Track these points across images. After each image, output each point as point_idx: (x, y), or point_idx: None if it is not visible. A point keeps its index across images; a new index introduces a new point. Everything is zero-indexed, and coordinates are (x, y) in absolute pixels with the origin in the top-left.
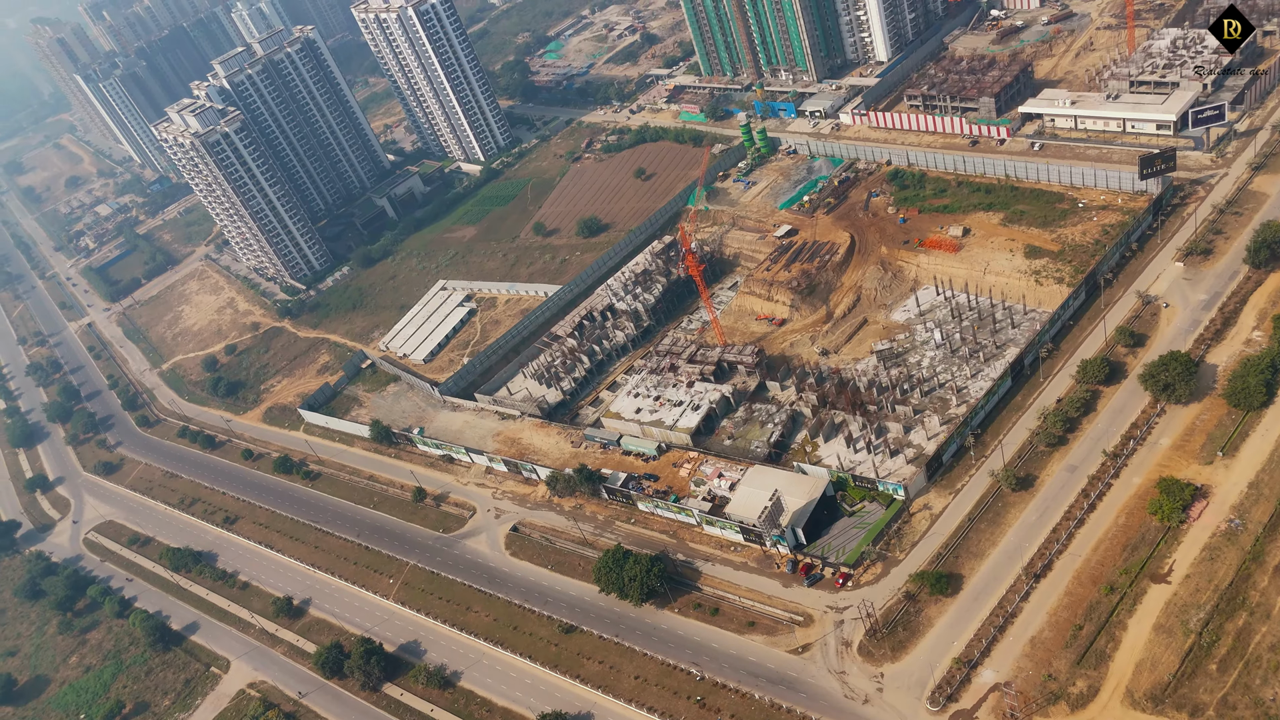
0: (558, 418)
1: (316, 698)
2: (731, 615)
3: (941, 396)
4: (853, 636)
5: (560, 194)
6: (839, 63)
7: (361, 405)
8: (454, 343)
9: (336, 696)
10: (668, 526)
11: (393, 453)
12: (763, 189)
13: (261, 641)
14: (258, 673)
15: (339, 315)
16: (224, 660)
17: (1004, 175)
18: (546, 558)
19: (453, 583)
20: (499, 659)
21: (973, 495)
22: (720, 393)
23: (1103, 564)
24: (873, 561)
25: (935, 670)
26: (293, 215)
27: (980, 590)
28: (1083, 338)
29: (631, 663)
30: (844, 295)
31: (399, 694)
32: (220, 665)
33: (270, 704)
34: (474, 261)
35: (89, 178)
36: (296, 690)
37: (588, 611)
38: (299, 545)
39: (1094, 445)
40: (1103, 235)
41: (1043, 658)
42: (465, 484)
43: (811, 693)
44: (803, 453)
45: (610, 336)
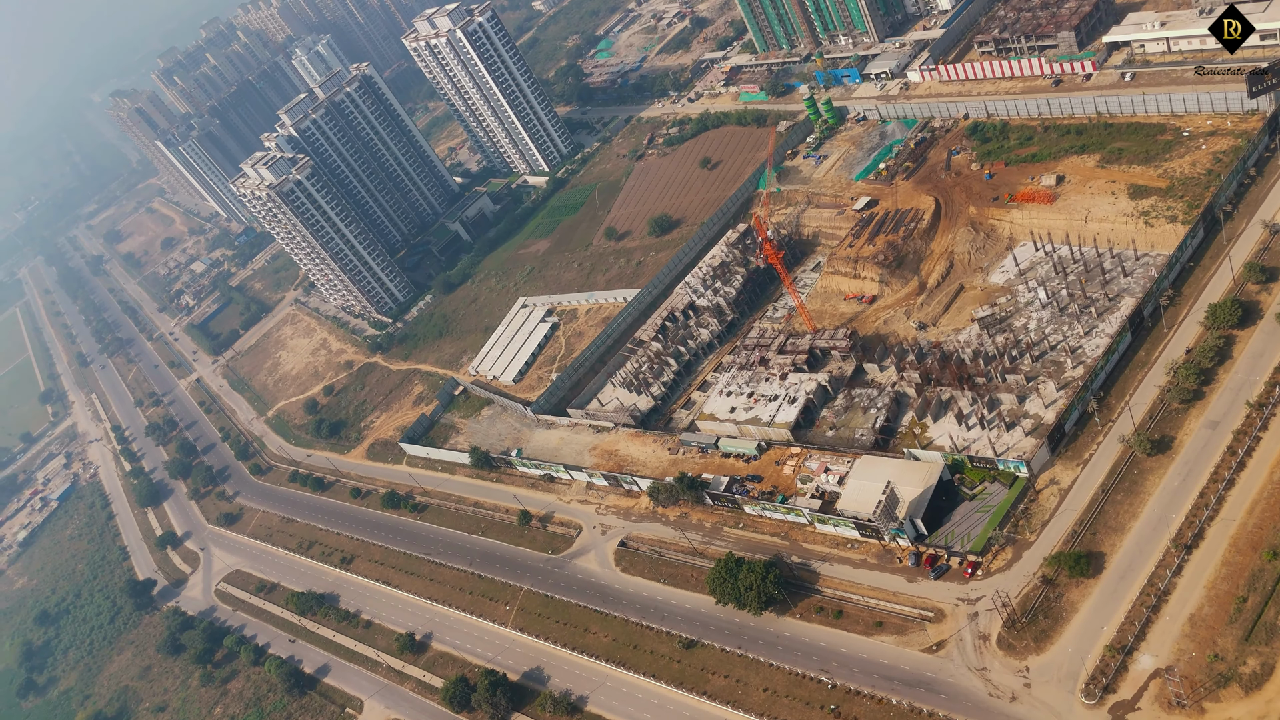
0: (651, 425)
1: None
2: (857, 617)
3: (1055, 360)
4: (990, 629)
5: (627, 195)
6: (899, 19)
7: (459, 432)
8: (540, 359)
9: None
10: (778, 528)
11: (494, 477)
12: (835, 162)
13: (390, 679)
14: (390, 710)
15: (427, 344)
16: (357, 700)
17: (1095, 113)
18: (658, 571)
19: (568, 604)
20: (623, 680)
21: (1103, 465)
22: (816, 382)
23: (1261, 527)
24: (1001, 546)
25: (1086, 660)
26: (371, 251)
27: (1126, 568)
28: (1206, 279)
29: (758, 675)
30: (935, 263)
31: None
32: (354, 706)
33: None
34: (550, 275)
35: (181, 237)
36: None
37: (706, 624)
38: (415, 579)
39: (1235, 397)
40: (1215, 164)
41: (1206, 636)
42: (568, 502)
43: (952, 693)
44: (911, 436)
45: (694, 335)
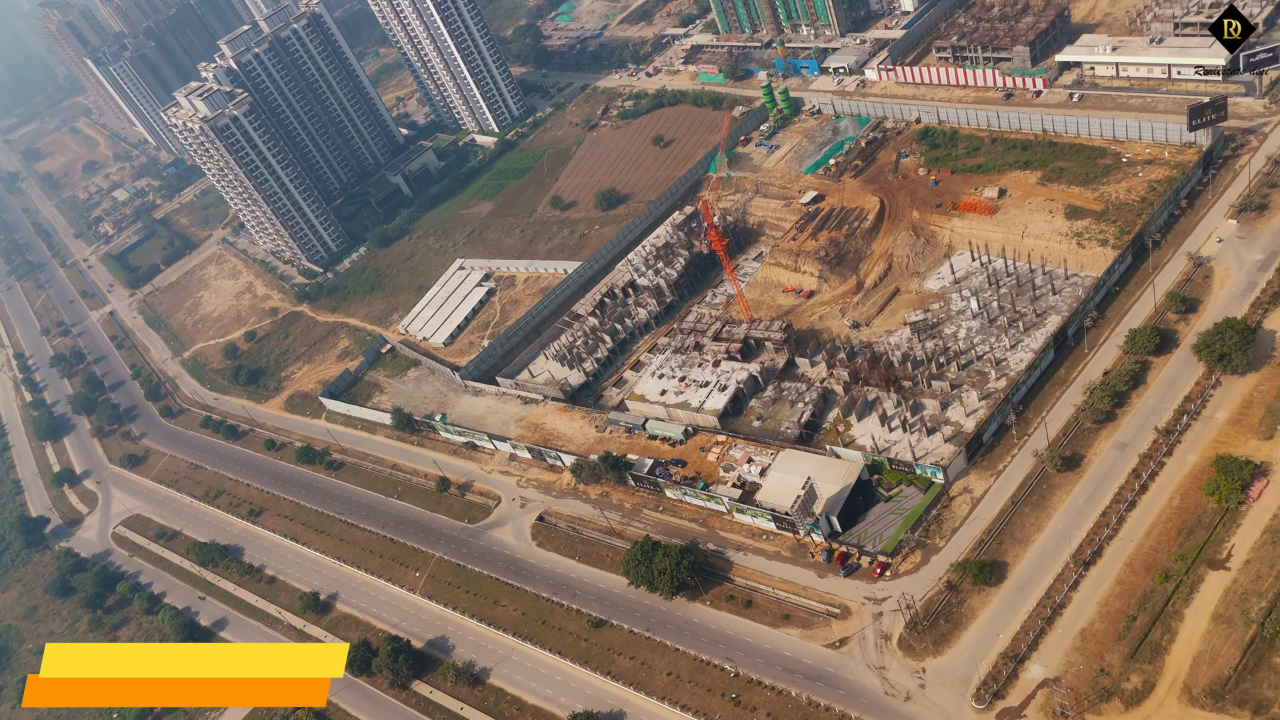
0: (581, 400)
1: (345, 695)
2: (765, 608)
3: (980, 370)
4: (892, 629)
5: (577, 164)
6: (862, 15)
7: (383, 391)
8: (473, 324)
9: (365, 694)
10: (697, 514)
11: (415, 440)
12: (786, 153)
13: (290, 638)
14: None
15: (357, 298)
16: None
17: (1041, 130)
18: (574, 548)
19: (479, 575)
20: (528, 655)
21: (1015, 477)
22: (748, 371)
23: (1156, 549)
24: (911, 549)
25: (980, 665)
26: (306, 197)
27: (1026, 579)
28: (1130, 304)
29: (663, 658)
30: (874, 264)
31: (428, 691)
32: None
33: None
34: (491, 238)
35: (105, 162)
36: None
37: (617, 605)
38: (324, 538)
39: (1145, 421)
40: (1149, 192)
41: (1094, 651)
42: (489, 472)
43: (850, 689)
44: (835, 433)
45: (632, 314)
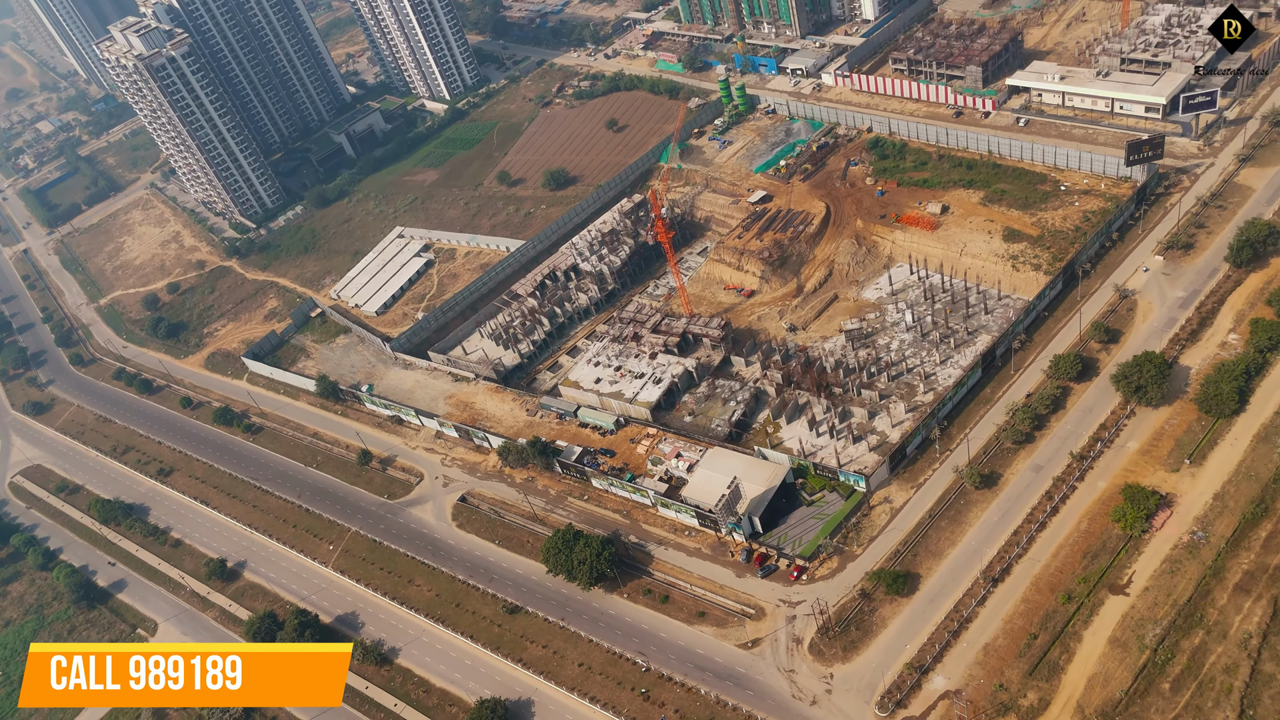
0: (513, 382)
1: None
2: (682, 604)
3: (909, 382)
4: (804, 633)
5: (528, 141)
6: (824, 18)
7: (309, 357)
8: (409, 295)
9: None
10: (622, 506)
11: (339, 409)
12: (738, 149)
13: (192, 604)
14: (186, 637)
15: (289, 258)
16: (151, 622)
17: (987, 151)
18: (494, 532)
19: (395, 553)
20: (439, 637)
21: (935, 490)
22: (683, 366)
23: (1062, 571)
24: (829, 555)
25: (886, 674)
26: (244, 148)
27: (937, 592)
28: (1057, 330)
29: (576, 649)
30: (816, 269)
31: None
32: (147, 627)
33: None
34: (434, 209)
35: (31, 91)
36: None
37: (534, 592)
38: (236, 503)
39: (1061, 445)
40: (1083, 222)
41: (995, 666)
42: (414, 448)
43: (759, 690)
44: (764, 434)
45: (573, 299)
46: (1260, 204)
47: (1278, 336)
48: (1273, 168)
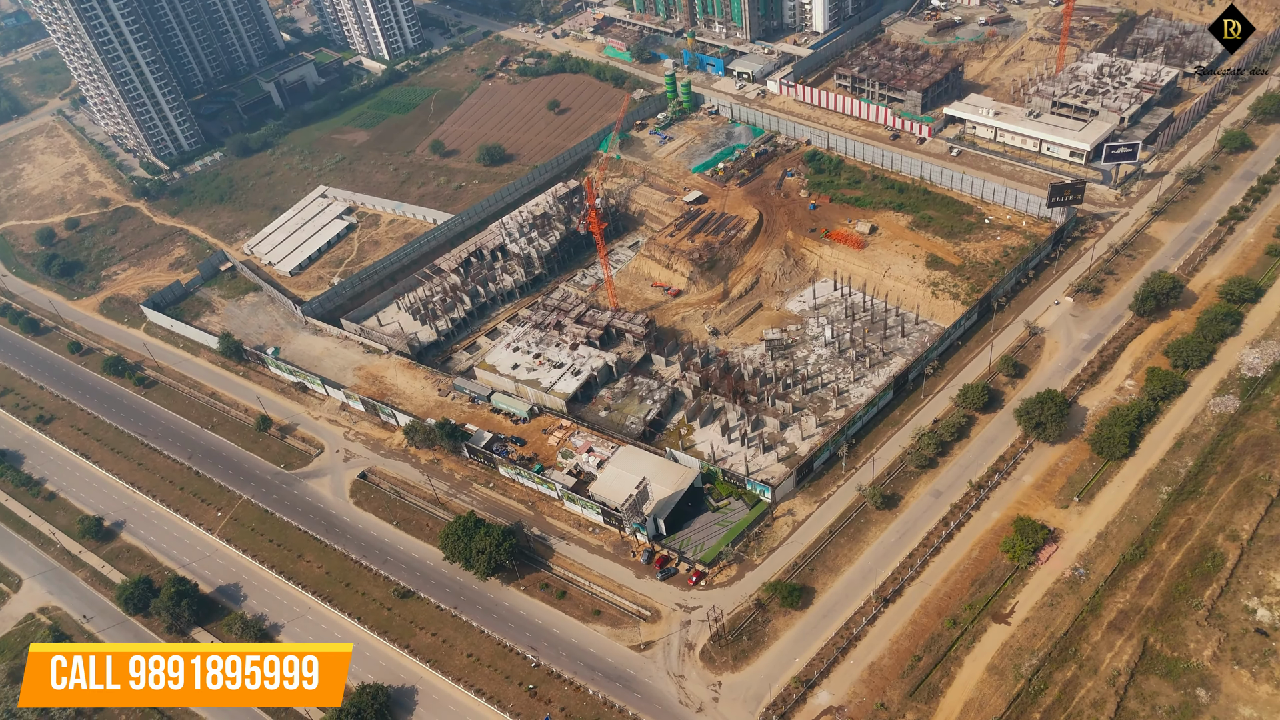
0: (428, 359)
1: (115, 635)
2: (579, 601)
3: (822, 397)
4: (697, 639)
5: (466, 112)
6: (775, 25)
7: (214, 312)
8: (326, 258)
9: (137, 635)
10: (527, 496)
11: (241, 370)
12: (678, 147)
13: (61, 562)
14: (52, 597)
15: (203, 206)
16: (15, 578)
17: (919, 176)
18: (393, 513)
19: (287, 525)
20: (325, 616)
21: (837, 507)
22: (604, 360)
23: (950, 596)
24: (729, 563)
25: (773, 686)
26: (163, 85)
27: (830, 608)
28: (968, 359)
29: (466, 639)
30: (743, 275)
31: (209, 641)
32: (10, 583)
33: (62, 635)
34: (361, 171)
35: None
36: (82, 615)
37: (428, 577)
38: (120, 459)
39: (962, 473)
40: (1003, 256)
41: (879, 686)
42: (316, 418)
43: (646, 694)
44: (677, 436)
45: (497, 279)
46: (1167, 257)
47: (1171, 386)
48: (1182, 223)
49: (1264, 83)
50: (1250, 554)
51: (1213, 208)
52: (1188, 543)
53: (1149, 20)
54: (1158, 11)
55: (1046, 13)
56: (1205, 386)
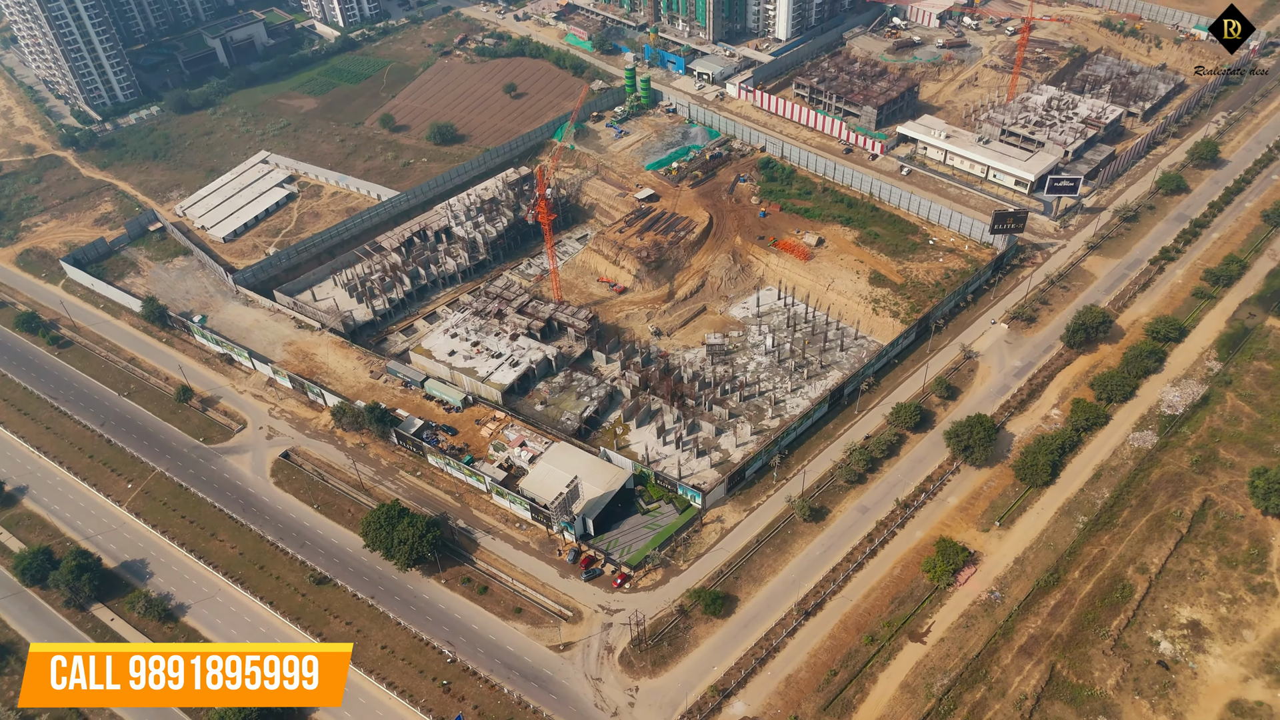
0: (362, 339)
1: (9, 606)
2: (500, 597)
3: (759, 405)
4: (617, 643)
5: (419, 88)
6: (738, 28)
7: (139, 273)
8: (263, 227)
9: (33, 608)
10: (455, 487)
11: (165, 337)
12: (634, 142)
13: None
14: None
15: (135, 161)
16: None
17: (869, 193)
18: (314, 495)
19: (201, 502)
20: (235, 599)
21: (766, 517)
22: (544, 353)
23: (870, 612)
24: (655, 567)
25: (689, 694)
26: (100, 31)
27: (751, 617)
28: (903, 378)
29: (382, 630)
30: (690, 278)
31: (109, 618)
32: None
33: None
34: (306, 139)
35: None
36: None
37: (347, 565)
38: (26, 421)
39: (889, 491)
40: (944, 278)
41: (794, 698)
42: (241, 392)
43: (562, 695)
44: (612, 435)
45: (440, 262)
46: (1099, 291)
47: (1094, 418)
48: (1115, 259)
49: (1203, 128)
50: (1158, 587)
51: (1145, 246)
52: (1099, 573)
53: (1099, 58)
54: (1107, 50)
55: (1002, 41)
56: (1126, 421)
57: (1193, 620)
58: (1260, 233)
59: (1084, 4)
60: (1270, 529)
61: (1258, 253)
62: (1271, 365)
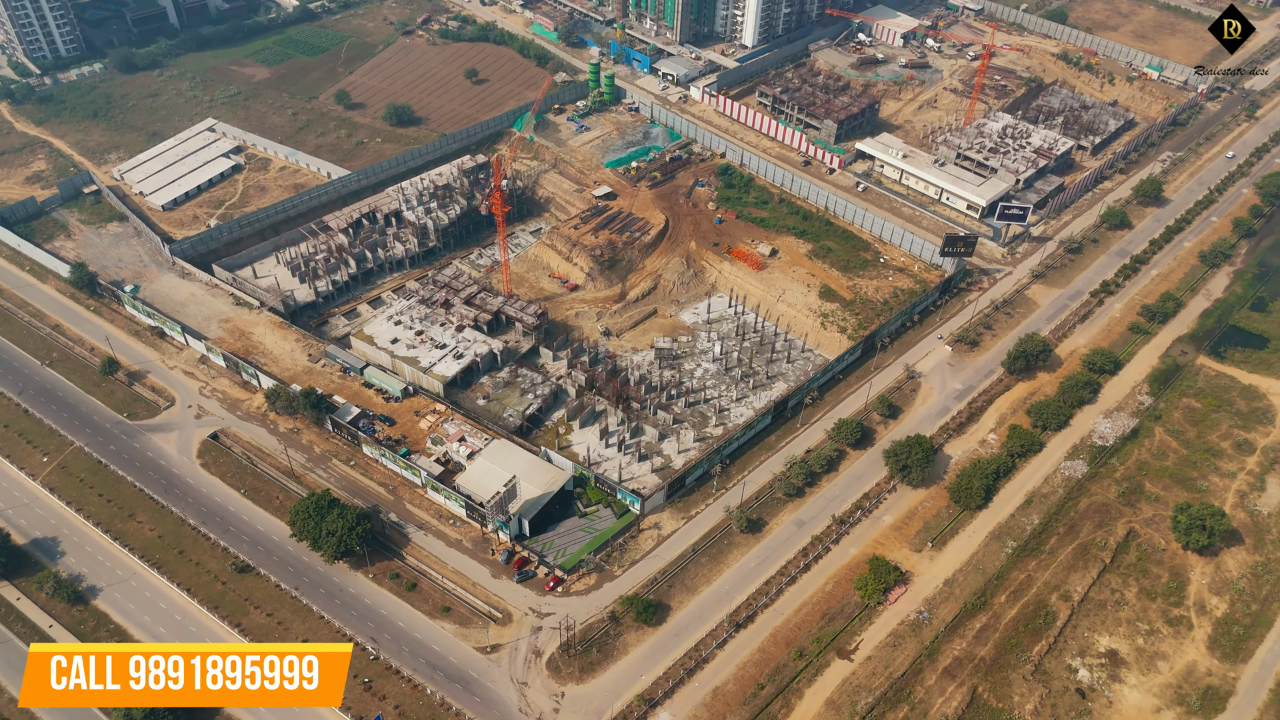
0: (302, 320)
1: None
2: (429, 595)
3: (703, 413)
4: (546, 647)
5: (378, 66)
6: (706, 31)
7: (70, 237)
8: (206, 197)
9: None
10: (389, 480)
11: (93, 305)
12: (594, 138)
13: None
14: None
15: (73, 119)
16: None
17: (824, 206)
18: (242, 480)
19: (121, 480)
20: (151, 583)
21: (704, 525)
22: (490, 346)
23: (800, 627)
24: (589, 571)
25: (616, 702)
26: None
27: (683, 627)
28: (847, 394)
29: (304, 623)
30: (643, 279)
31: (15, 597)
32: None
33: None
34: (257, 110)
35: None
36: None
37: (272, 554)
38: None
39: (826, 506)
40: (893, 297)
41: (720, 710)
42: (171, 367)
43: (486, 698)
44: (555, 433)
45: (388, 246)
46: (1041, 320)
47: (1029, 445)
48: (1058, 289)
49: (1148, 167)
50: (1079, 615)
51: (1087, 279)
52: (1025, 598)
53: (1054, 90)
54: (1063, 82)
55: (963, 66)
56: (1059, 449)
57: (1111, 649)
58: (1197, 272)
59: (1043, 36)
60: (1189, 563)
61: (1193, 292)
62: (1200, 403)
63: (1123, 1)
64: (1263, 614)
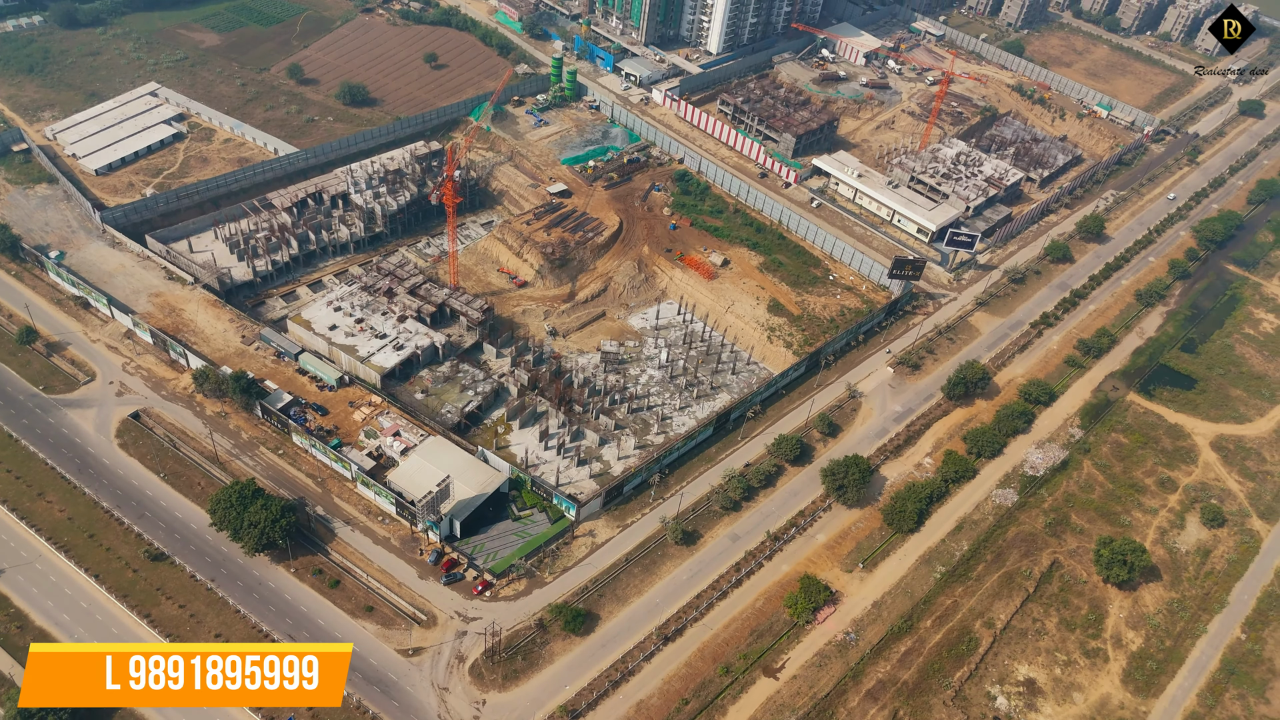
0: (238, 300)
1: None
2: (352, 593)
3: (646, 420)
4: (470, 653)
5: (334, 42)
6: (671, 34)
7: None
8: (143, 164)
9: None
10: (318, 471)
11: (14, 270)
12: (553, 134)
13: None
14: None
15: (6, 74)
16: None
17: (778, 220)
18: (163, 463)
19: (32, 456)
20: (57, 567)
21: (638, 535)
22: (432, 339)
23: (728, 643)
24: (519, 576)
25: (538, 712)
26: None
27: (611, 638)
28: (789, 410)
29: (218, 617)
30: (593, 280)
31: None
32: None
33: None
34: (203, 77)
35: None
36: None
37: (189, 543)
38: None
39: (762, 521)
40: (839, 316)
41: None
42: (94, 340)
43: (405, 703)
44: (493, 433)
45: (333, 229)
46: (982, 347)
47: (963, 471)
48: (1000, 318)
49: (1093, 203)
50: (1001, 643)
51: (1028, 309)
52: (950, 624)
53: (1007, 120)
54: (1016, 114)
55: (921, 90)
56: (991, 477)
57: (1029, 678)
58: (1132, 310)
59: (1000, 66)
60: (1109, 596)
61: (1128, 329)
62: (1127, 439)
63: (1078, 39)
64: (1175, 650)
